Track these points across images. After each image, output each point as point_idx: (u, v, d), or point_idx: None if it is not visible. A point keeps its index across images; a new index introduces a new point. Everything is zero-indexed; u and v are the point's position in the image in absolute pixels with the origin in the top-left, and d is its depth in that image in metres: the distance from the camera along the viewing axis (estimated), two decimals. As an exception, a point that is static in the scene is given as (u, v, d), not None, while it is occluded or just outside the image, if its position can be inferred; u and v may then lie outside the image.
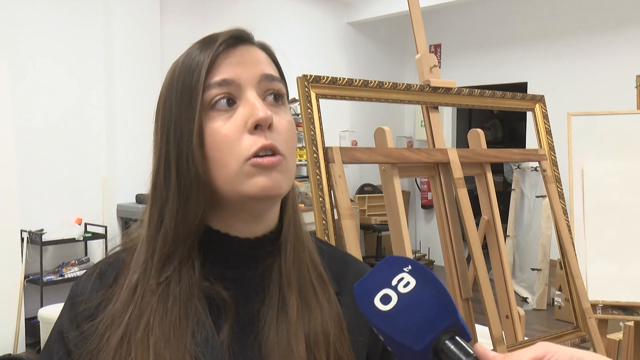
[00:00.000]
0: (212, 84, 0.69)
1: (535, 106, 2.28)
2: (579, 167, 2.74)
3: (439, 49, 6.97)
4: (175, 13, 5.27)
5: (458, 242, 1.95)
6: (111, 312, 0.69)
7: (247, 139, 0.68)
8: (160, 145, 0.72)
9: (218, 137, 0.68)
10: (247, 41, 0.73)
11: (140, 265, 0.71)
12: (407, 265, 0.60)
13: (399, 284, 0.59)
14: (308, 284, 0.74)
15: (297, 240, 0.76)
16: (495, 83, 6.21)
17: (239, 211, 0.72)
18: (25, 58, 4.41)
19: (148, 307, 0.68)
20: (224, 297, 0.71)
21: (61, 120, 4.62)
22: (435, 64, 2.01)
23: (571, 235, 2.24)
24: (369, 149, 1.79)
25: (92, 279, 0.74)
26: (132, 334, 0.67)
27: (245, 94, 0.70)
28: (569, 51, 5.83)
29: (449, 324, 0.56)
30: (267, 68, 0.72)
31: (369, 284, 0.60)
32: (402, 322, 0.57)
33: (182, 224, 0.70)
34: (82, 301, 0.72)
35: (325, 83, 1.73)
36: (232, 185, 0.69)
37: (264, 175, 0.68)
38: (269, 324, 0.71)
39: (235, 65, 0.70)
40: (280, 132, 0.70)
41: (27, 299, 4.23)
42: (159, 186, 0.72)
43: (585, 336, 2.22)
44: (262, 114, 0.68)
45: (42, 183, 4.50)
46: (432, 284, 0.59)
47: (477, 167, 2.06)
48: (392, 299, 0.58)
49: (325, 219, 1.66)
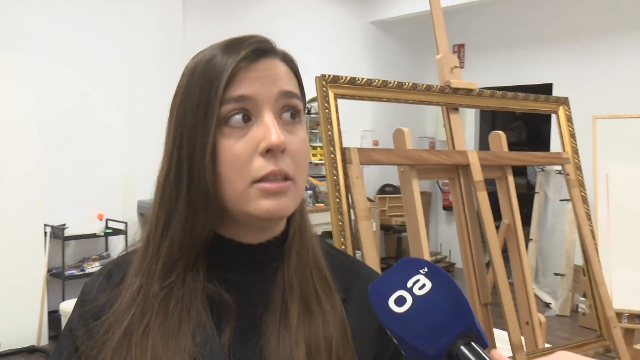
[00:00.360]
0: (229, 98, 0.68)
1: (559, 108, 2.23)
2: (604, 172, 2.68)
3: (463, 48, 6.89)
4: (198, 10, 5.30)
5: (477, 246, 1.92)
6: (115, 312, 0.70)
7: (257, 161, 0.67)
8: (172, 149, 0.71)
9: (229, 155, 0.68)
10: (271, 53, 0.71)
11: (144, 268, 0.71)
12: (423, 268, 0.59)
13: (414, 286, 0.57)
14: (311, 289, 0.73)
15: (302, 246, 0.75)
16: (520, 84, 6.11)
17: (245, 224, 0.72)
18: (49, 55, 4.47)
19: (149, 309, 0.69)
20: (226, 300, 0.70)
21: (84, 117, 4.67)
22: (456, 65, 1.98)
23: (595, 241, 2.19)
24: (386, 150, 1.77)
25: (100, 278, 0.75)
26: (132, 334, 0.68)
27: (261, 113, 0.68)
28: (596, 51, 5.71)
29: (464, 329, 0.54)
30: (287, 84, 0.71)
31: (383, 284, 0.59)
32: (416, 325, 0.55)
33: (189, 235, 0.70)
34: (90, 300, 0.73)
35: (343, 83, 1.71)
36: (237, 204, 0.69)
37: (271, 199, 0.68)
38: (270, 329, 0.70)
39: (254, 80, 0.68)
40: (292, 155, 0.70)
41: (50, 292, 4.29)
42: (168, 190, 0.71)
43: (610, 346, 2.16)
44: (275, 139, 0.66)
45: (65, 179, 4.56)
46: (448, 287, 0.57)
47: (497, 170, 2.03)
48: (406, 301, 0.57)
49: (342, 220, 1.64)
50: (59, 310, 3.96)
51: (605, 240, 2.62)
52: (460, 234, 1.93)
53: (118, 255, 0.79)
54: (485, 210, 1.90)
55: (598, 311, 2.19)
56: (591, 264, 2.15)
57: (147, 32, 4.86)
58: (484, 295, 1.90)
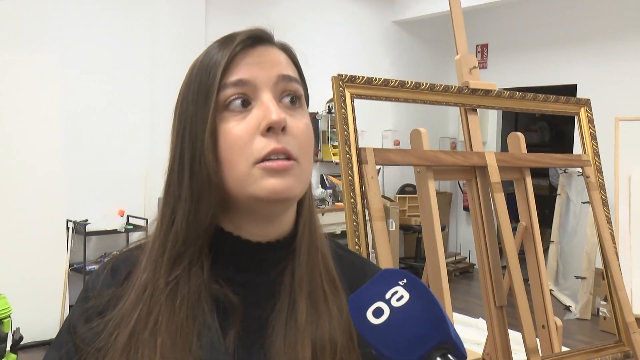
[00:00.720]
0: (227, 83, 0.68)
1: (580, 110, 2.20)
2: (625, 175, 2.63)
3: (486, 49, 6.83)
4: (220, 10, 5.33)
5: (493, 248, 1.90)
6: (121, 310, 0.69)
7: (259, 141, 0.67)
8: (176, 144, 0.71)
9: (230, 137, 0.67)
10: (267, 41, 0.72)
11: (151, 264, 0.71)
12: (402, 279, 0.59)
13: (392, 297, 0.57)
14: (319, 290, 0.72)
15: (312, 245, 0.74)
16: (544, 85, 6.04)
17: (250, 213, 0.71)
18: (74, 52, 4.55)
19: (157, 306, 0.68)
20: (232, 300, 0.70)
21: (107, 114, 4.75)
22: (475, 65, 1.96)
23: (615, 245, 2.16)
24: (402, 151, 1.76)
25: (105, 274, 0.74)
26: (140, 332, 0.67)
27: (260, 96, 0.68)
28: (620, 52, 5.61)
29: (439, 341, 0.54)
30: (285, 69, 0.71)
31: (363, 296, 0.59)
32: (392, 336, 0.55)
33: (193, 225, 0.69)
34: (93, 296, 0.72)
35: (360, 83, 1.71)
36: (241, 188, 0.68)
37: (275, 177, 0.67)
38: (276, 330, 0.69)
39: (252, 65, 0.69)
40: (295, 136, 0.69)
41: (71, 286, 4.35)
42: (172, 185, 0.71)
43: (629, 351, 2.13)
44: (275, 116, 0.66)
45: (88, 175, 4.63)
46: (425, 299, 0.57)
47: (515, 172, 2.01)
48: (384, 313, 0.57)
49: (357, 220, 1.64)
50: (80, 304, 4.02)
51: (625, 244, 2.58)
52: (476, 236, 1.92)
53: (122, 250, 0.78)
54: (502, 212, 1.88)
55: (617, 316, 2.16)
56: (611, 268, 2.12)
57: (169, 32, 4.91)
58: (499, 297, 1.89)
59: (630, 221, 2.61)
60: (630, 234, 2.60)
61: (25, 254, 3.99)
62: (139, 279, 0.71)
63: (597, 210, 2.12)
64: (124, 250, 0.78)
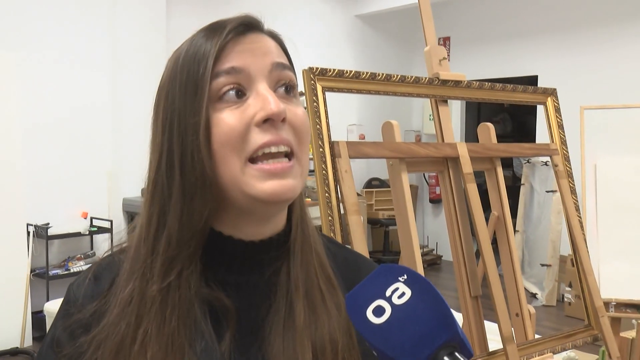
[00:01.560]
0: (219, 72, 0.64)
1: (547, 99, 2.23)
2: (591, 163, 2.68)
3: (448, 41, 6.90)
4: (182, 5, 5.25)
5: (467, 238, 1.91)
6: (107, 323, 0.65)
7: (254, 132, 0.63)
8: (162, 140, 0.66)
9: (223, 128, 0.63)
10: (257, 29, 0.68)
11: (139, 269, 0.66)
12: (402, 275, 0.56)
13: (393, 294, 0.54)
14: (316, 289, 0.69)
15: (305, 243, 0.71)
16: (506, 76, 6.14)
17: (245, 213, 0.67)
18: (31, 51, 4.41)
19: (146, 316, 0.64)
20: (225, 304, 0.66)
21: (67, 114, 4.62)
22: (444, 57, 1.97)
23: (583, 232, 2.19)
24: (376, 144, 1.75)
25: (87, 284, 0.69)
26: (128, 346, 0.63)
27: (255, 85, 0.65)
28: (581, 43, 5.74)
29: (446, 339, 0.52)
30: (278, 57, 0.67)
31: (361, 294, 0.56)
32: (396, 336, 0.52)
33: (186, 226, 0.65)
34: (76, 310, 0.67)
35: (331, 76, 1.69)
36: (237, 186, 0.64)
37: (274, 179, 0.63)
38: (274, 332, 0.66)
39: (244, 53, 0.65)
40: (294, 126, 0.65)
41: (34, 292, 4.23)
42: (160, 184, 0.66)
43: (598, 335, 2.17)
44: (274, 107, 0.62)
45: (48, 177, 4.50)
46: (429, 295, 0.54)
47: (487, 162, 2.02)
48: (385, 311, 0.54)
49: (332, 214, 1.62)
50: (43, 310, 3.91)
51: (593, 231, 2.63)
52: (449, 227, 1.92)
53: (104, 256, 0.73)
54: (474, 202, 1.89)
55: (586, 301, 2.20)
56: (580, 254, 2.16)
57: (130, 30, 4.80)
58: (474, 287, 1.90)
59: (597, 208, 2.66)
60: (597, 220, 2.65)
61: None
62: (125, 287, 0.66)
63: (565, 198, 2.16)
64: (105, 255, 0.73)
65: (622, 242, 2.66)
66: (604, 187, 2.67)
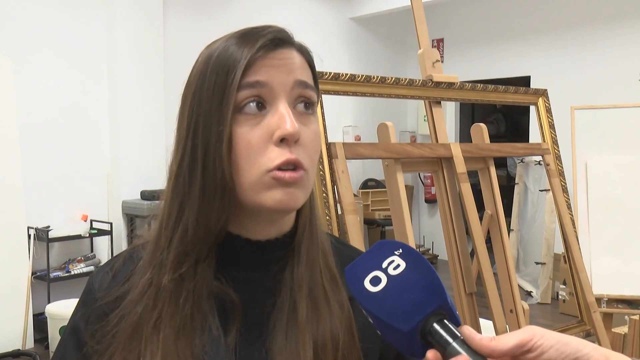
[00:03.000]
0: (244, 84, 0.67)
1: (538, 100, 2.28)
2: (582, 162, 2.74)
3: (442, 43, 6.95)
4: (178, 7, 5.27)
5: (462, 236, 1.96)
6: (125, 306, 0.69)
7: (272, 150, 0.67)
8: (187, 138, 0.69)
9: (244, 143, 0.67)
10: (287, 43, 0.71)
11: (156, 259, 0.71)
12: (398, 249, 0.60)
13: (389, 266, 0.59)
14: (319, 288, 0.72)
15: (312, 243, 0.74)
16: (498, 77, 6.19)
17: (253, 215, 0.71)
18: (29, 54, 4.43)
19: (161, 301, 0.68)
20: (233, 299, 0.70)
21: (65, 116, 4.63)
22: (437, 59, 2.01)
23: (575, 230, 2.24)
24: (371, 145, 1.79)
25: (106, 274, 0.74)
26: (143, 327, 0.67)
27: (275, 101, 0.68)
28: (572, 44, 5.80)
29: (436, 307, 0.56)
30: (302, 74, 0.70)
31: (360, 266, 0.60)
32: (390, 303, 0.57)
33: (202, 225, 0.69)
34: (96, 299, 0.72)
35: (327, 79, 1.73)
36: (250, 193, 0.68)
37: (283, 189, 0.67)
38: (277, 327, 0.70)
39: (271, 68, 0.68)
40: (306, 146, 0.69)
41: (35, 295, 4.25)
42: (181, 180, 0.70)
43: (590, 330, 2.22)
44: (290, 128, 0.66)
45: (47, 180, 4.52)
46: (421, 267, 0.59)
47: (480, 162, 2.07)
48: (381, 281, 0.58)
49: (329, 214, 1.66)
50: (44, 312, 3.93)
51: (584, 229, 2.69)
52: (444, 226, 1.97)
53: (127, 249, 0.78)
54: (468, 201, 1.93)
55: (579, 297, 2.25)
56: (572, 251, 2.21)
57: (127, 30, 4.82)
58: (469, 285, 1.94)
59: (589, 206, 2.71)
60: (589, 218, 2.71)
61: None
62: (144, 275, 0.70)
63: (557, 196, 2.21)
64: (128, 248, 0.78)
65: (613, 239, 2.71)
66: (595, 185, 2.72)
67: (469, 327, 0.56)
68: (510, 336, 0.54)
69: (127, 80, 4.80)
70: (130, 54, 4.82)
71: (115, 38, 4.79)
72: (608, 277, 2.69)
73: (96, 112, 4.80)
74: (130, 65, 4.81)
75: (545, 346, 0.53)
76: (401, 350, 0.58)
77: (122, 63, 4.80)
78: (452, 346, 0.55)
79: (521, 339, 0.54)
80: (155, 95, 4.81)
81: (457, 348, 0.55)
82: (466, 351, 0.54)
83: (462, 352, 0.54)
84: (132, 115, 4.73)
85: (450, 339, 0.55)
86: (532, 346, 0.54)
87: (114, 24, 4.78)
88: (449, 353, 0.55)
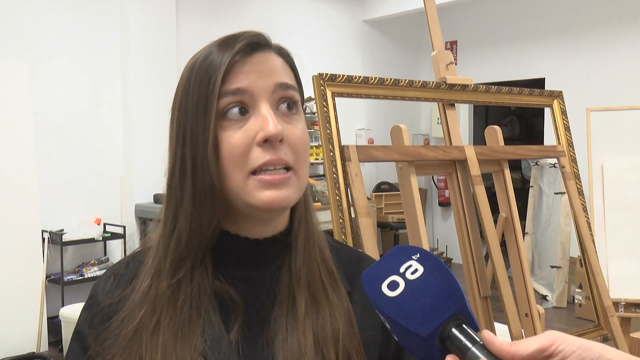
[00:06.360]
0: (226, 92, 0.69)
1: (553, 102, 2.25)
2: (598, 164, 2.71)
3: (455, 45, 6.92)
4: (191, 12, 5.30)
5: (476, 240, 1.94)
6: (127, 309, 0.71)
7: (255, 151, 0.68)
8: (176, 147, 0.72)
9: (228, 147, 0.69)
10: (265, 47, 0.72)
11: (155, 265, 0.72)
12: (415, 254, 0.60)
13: (406, 271, 0.59)
14: (317, 282, 0.74)
15: (308, 238, 0.76)
16: (513, 79, 6.15)
17: (248, 216, 0.73)
18: (43, 59, 4.47)
19: (159, 306, 0.70)
20: (233, 297, 0.72)
21: (79, 120, 4.68)
22: (451, 61, 2.00)
23: (591, 233, 2.22)
24: (385, 147, 1.78)
25: (108, 280, 0.76)
26: (143, 331, 0.69)
27: (258, 104, 0.69)
28: (587, 45, 5.75)
29: (455, 311, 0.56)
30: (283, 76, 0.72)
31: (377, 271, 0.60)
32: (409, 307, 0.56)
33: (196, 230, 0.70)
34: (98, 303, 0.74)
35: (341, 81, 1.73)
36: (239, 196, 0.70)
37: (271, 189, 0.69)
38: (278, 322, 0.71)
39: (250, 73, 0.70)
40: (292, 145, 0.70)
41: (49, 298, 4.28)
42: (174, 187, 0.72)
43: (607, 334, 2.19)
44: (272, 129, 0.67)
45: (61, 183, 4.56)
46: (440, 272, 0.58)
47: (494, 164, 2.05)
48: (399, 285, 0.58)
49: (342, 217, 1.66)
50: (58, 316, 3.96)
51: (601, 231, 2.65)
52: (458, 229, 1.95)
53: (129, 254, 0.80)
54: (483, 204, 1.92)
55: (595, 301, 2.22)
56: (588, 255, 2.18)
57: (141, 35, 4.86)
58: (484, 288, 1.92)
59: (605, 209, 2.68)
60: (605, 221, 2.67)
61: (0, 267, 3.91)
62: (143, 280, 0.72)
63: (573, 199, 2.18)
64: (130, 254, 0.80)
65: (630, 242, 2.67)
66: (611, 187, 2.69)
67: (489, 332, 0.55)
68: (531, 341, 0.53)
69: (141, 84, 4.83)
70: (143, 58, 4.85)
71: (128, 43, 4.82)
72: (625, 280, 2.66)
73: (110, 117, 4.83)
74: (143, 70, 4.84)
75: (567, 351, 0.52)
76: (418, 356, 0.58)
77: (136, 68, 4.83)
78: (471, 351, 0.54)
79: (542, 344, 0.53)
80: (168, 100, 4.78)
81: (477, 353, 0.54)
82: (486, 356, 0.53)
83: (482, 357, 0.53)
84: (145, 120, 4.76)
85: (469, 344, 0.54)
86: (553, 351, 0.53)
87: (127, 30, 4.82)
88: (468, 358, 0.54)
